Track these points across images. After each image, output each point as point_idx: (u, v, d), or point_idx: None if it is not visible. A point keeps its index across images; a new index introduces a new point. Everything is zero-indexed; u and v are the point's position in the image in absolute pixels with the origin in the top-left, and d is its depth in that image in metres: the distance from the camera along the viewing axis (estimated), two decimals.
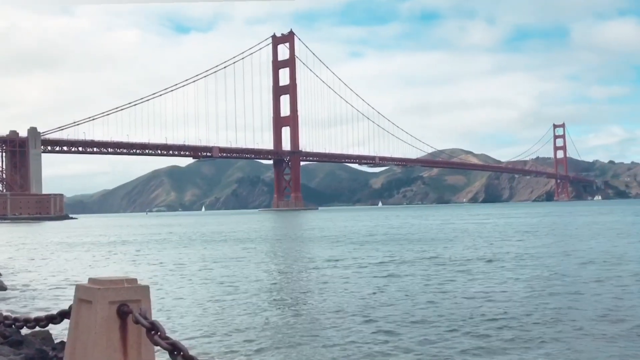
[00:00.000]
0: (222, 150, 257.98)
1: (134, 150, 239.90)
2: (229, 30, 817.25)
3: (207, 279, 26.76)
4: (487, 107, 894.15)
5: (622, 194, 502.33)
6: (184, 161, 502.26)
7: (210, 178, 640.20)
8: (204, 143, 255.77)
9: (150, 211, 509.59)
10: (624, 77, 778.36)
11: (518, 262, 30.92)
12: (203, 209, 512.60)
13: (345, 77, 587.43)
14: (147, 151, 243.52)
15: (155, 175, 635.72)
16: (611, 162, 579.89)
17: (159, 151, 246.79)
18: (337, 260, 33.83)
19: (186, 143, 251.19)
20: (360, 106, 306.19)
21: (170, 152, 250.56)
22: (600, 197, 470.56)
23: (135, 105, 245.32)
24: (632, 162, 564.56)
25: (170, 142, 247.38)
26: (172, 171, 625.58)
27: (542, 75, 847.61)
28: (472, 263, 30.73)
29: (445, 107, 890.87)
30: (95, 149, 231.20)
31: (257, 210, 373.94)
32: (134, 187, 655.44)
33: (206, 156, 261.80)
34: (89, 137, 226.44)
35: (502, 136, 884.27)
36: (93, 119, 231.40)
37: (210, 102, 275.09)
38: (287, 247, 46.78)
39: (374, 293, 21.31)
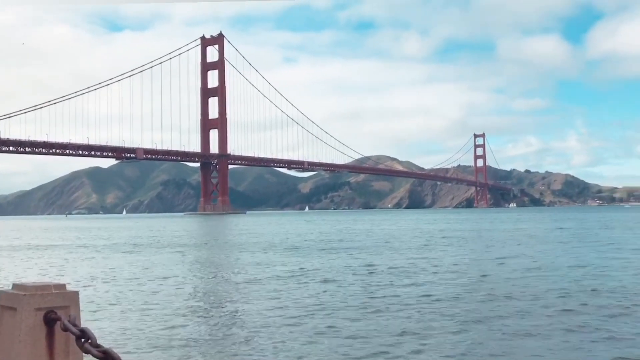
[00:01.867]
0: (146, 151, 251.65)
1: (54, 150, 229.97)
2: (166, 31, 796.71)
3: (136, 284, 26.57)
4: (417, 115, 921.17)
5: (536, 202, 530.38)
6: (107, 162, 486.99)
7: (133, 180, 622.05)
8: (128, 144, 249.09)
9: (70, 214, 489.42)
10: (545, 90, 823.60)
11: (447, 268, 32.48)
12: (124, 212, 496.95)
13: (280, 82, 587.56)
14: (67, 151, 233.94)
15: (75, 176, 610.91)
16: (527, 171, 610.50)
17: (80, 151, 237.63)
18: (265, 266, 34.30)
19: (109, 143, 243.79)
20: (291, 111, 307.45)
21: (92, 152, 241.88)
22: (515, 205, 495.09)
23: (56, 103, 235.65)
24: (546, 172, 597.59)
25: (92, 142, 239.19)
26: (94, 172, 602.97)
27: (469, 86, 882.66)
28: (401, 270, 32.00)
29: (377, 115, 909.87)
30: (11, 148, 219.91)
31: (182, 214, 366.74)
32: (53, 188, 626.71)
33: (130, 157, 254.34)
34: (4, 136, 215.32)
35: (430, 144, 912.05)
36: (9, 117, 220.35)
37: (135, 102, 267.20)
38: (215, 253, 46.72)
39: (304, 299, 21.97)
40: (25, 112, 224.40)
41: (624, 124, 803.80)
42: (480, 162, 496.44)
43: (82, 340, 3.63)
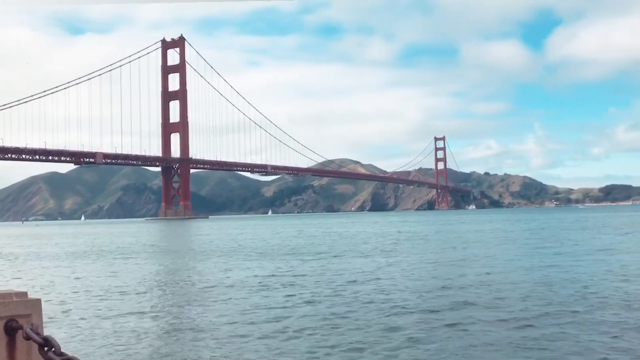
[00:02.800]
0: (106, 156, 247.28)
1: (9, 155, 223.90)
2: (129, 34, 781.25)
3: (99, 292, 26.49)
4: (380, 119, 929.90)
5: (495, 204, 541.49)
6: (65, 167, 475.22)
7: (92, 185, 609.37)
8: (87, 148, 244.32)
9: (27, 220, 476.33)
10: (505, 94, 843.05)
11: (412, 272, 33.25)
12: (83, 217, 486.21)
13: (243, 86, 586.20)
14: (23, 156, 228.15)
15: (32, 181, 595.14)
16: (487, 173, 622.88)
17: (37, 156, 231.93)
18: (228, 271, 34.52)
19: (68, 148, 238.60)
20: (254, 115, 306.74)
21: (50, 157, 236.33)
22: (474, 207, 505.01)
23: (12, 106, 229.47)
24: (505, 174, 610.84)
25: (50, 146, 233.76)
26: (52, 177, 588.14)
27: (432, 90, 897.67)
28: (366, 274, 32.66)
29: (340, 119, 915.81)
30: None
31: (143, 219, 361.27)
32: (9, 195, 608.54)
33: (89, 162, 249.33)
34: None
35: (392, 148, 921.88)
36: None
37: (94, 105, 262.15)
38: (177, 259, 46.57)
39: (265, 305, 22.38)
40: None
41: (580, 127, 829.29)
42: (441, 165, 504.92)
43: (45, 348, 3.50)
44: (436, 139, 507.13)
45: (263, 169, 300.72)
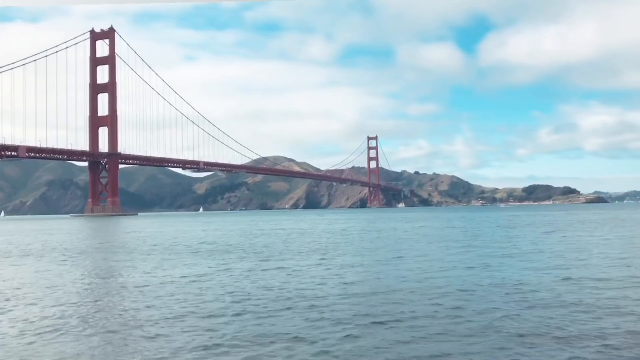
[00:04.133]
0: (30, 149, 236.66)
1: None
2: (63, 24, 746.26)
3: (22, 294, 25.64)
4: (317, 118, 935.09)
5: (425, 202, 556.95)
6: None
7: (14, 180, 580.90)
8: (9, 141, 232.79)
9: None
10: (439, 96, 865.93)
11: (344, 269, 34.02)
12: (2, 213, 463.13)
13: (180, 81, 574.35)
14: None
15: None
16: (417, 172, 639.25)
17: None
18: (157, 270, 34.25)
19: None
20: (189, 111, 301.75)
21: None
22: (403, 205, 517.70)
23: None
24: (434, 173, 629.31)
25: None
26: None
27: (368, 91, 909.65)
28: (298, 271, 33.18)
29: (278, 116, 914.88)
30: None
31: (69, 215, 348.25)
32: None
33: (10, 156, 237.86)
34: None
35: (327, 146, 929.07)
36: None
37: (18, 96, 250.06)
38: (104, 258, 45.55)
39: (195, 304, 22.54)
40: None
41: (506, 130, 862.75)
42: (373, 164, 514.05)
43: None
44: (369, 139, 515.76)
45: (195, 165, 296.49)
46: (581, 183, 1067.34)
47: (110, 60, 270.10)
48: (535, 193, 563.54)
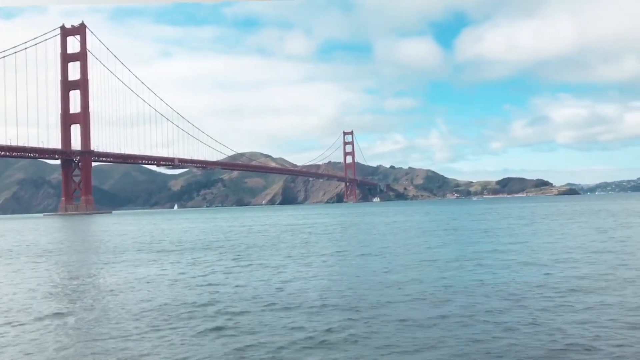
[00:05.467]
0: (0, 148, 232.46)
1: None
2: (39, 21, 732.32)
3: None
4: (295, 113, 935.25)
5: (401, 196, 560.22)
6: None
7: None
8: None
9: None
10: (417, 91, 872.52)
11: (324, 264, 34.46)
12: None
13: (156, 77, 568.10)
14: None
15: None
16: (392, 167, 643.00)
17: None
18: (132, 268, 34.31)
19: None
20: (163, 107, 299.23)
21: None
22: (378, 199, 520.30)
23: None
24: (410, 168, 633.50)
25: None
26: None
27: (346, 86, 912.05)
28: (275, 268, 33.54)
29: (256, 112, 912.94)
30: None
31: (42, 214, 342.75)
32: None
33: None
34: None
35: (305, 142, 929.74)
36: None
37: None
38: (78, 258, 45.31)
39: (169, 302, 22.80)
40: None
41: (481, 124, 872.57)
42: (349, 159, 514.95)
43: None
44: (345, 134, 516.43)
45: (170, 162, 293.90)
46: (554, 175, 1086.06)
47: (81, 56, 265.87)
48: (509, 186, 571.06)
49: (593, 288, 21.48)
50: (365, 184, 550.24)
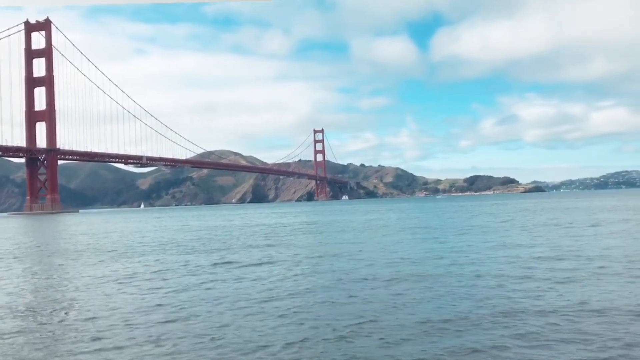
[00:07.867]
0: None
1: None
2: (14, 19, 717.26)
3: None
4: (269, 111, 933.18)
5: (371, 194, 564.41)
6: None
7: None
8: None
9: None
10: (392, 90, 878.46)
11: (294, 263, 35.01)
12: None
13: (129, 74, 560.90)
14: None
15: None
16: (362, 165, 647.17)
17: None
18: (101, 269, 34.39)
19: None
20: (133, 105, 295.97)
21: None
22: (347, 197, 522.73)
23: None
24: (379, 165, 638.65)
25: None
26: None
27: (322, 85, 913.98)
28: (245, 267, 33.99)
29: (229, 110, 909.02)
30: None
31: (6, 214, 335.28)
32: None
33: None
34: None
35: (278, 140, 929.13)
36: None
37: None
38: (45, 259, 45.04)
39: (139, 304, 23.14)
40: None
41: (451, 122, 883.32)
42: (319, 157, 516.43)
43: None
44: (315, 132, 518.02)
45: (138, 160, 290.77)
46: (521, 173, 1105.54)
47: (47, 52, 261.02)
48: (477, 183, 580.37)
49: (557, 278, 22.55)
50: (335, 182, 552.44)
